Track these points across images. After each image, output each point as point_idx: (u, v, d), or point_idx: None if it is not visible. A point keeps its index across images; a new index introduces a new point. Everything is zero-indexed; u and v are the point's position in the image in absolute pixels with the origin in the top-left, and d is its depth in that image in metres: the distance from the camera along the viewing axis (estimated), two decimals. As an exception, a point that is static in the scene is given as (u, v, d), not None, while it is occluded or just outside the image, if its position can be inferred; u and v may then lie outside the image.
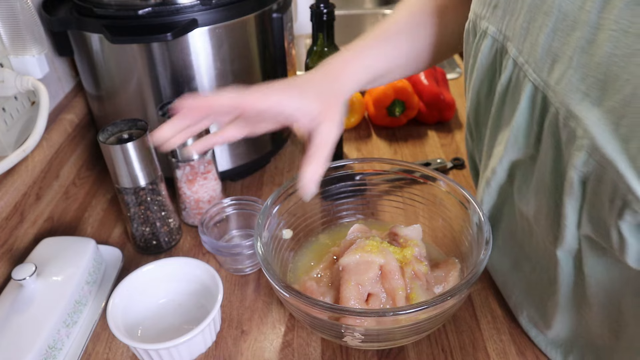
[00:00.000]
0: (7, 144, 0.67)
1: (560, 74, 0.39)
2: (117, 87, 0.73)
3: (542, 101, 0.42)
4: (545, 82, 0.41)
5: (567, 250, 0.44)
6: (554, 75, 0.40)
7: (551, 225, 0.46)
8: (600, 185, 0.37)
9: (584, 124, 0.36)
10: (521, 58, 0.44)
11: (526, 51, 0.44)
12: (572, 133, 0.38)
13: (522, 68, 0.44)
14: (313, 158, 0.51)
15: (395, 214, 0.68)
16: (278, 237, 0.61)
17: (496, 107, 0.50)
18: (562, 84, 0.39)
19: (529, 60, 0.43)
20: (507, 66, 0.47)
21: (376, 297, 0.53)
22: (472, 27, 0.53)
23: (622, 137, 0.34)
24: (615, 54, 0.34)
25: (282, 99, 0.52)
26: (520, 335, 0.58)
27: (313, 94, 0.53)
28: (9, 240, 0.64)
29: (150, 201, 0.67)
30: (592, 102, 0.36)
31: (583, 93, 0.37)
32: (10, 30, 0.64)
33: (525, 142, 0.47)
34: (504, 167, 0.51)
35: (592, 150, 0.36)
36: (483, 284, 0.64)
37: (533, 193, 0.48)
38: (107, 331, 0.60)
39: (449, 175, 0.85)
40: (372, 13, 1.51)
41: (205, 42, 0.69)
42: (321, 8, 0.72)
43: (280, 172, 0.87)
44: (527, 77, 0.44)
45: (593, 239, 0.41)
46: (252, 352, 0.58)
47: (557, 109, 0.40)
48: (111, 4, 0.67)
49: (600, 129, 0.35)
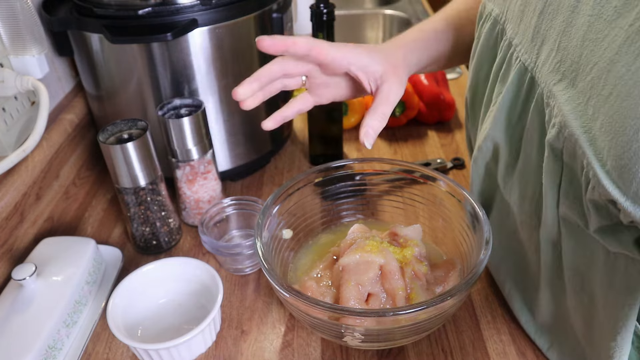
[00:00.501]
0: (7, 144, 0.67)
1: (546, 55, 0.42)
2: (117, 87, 0.73)
3: (529, 82, 0.45)
4: (535, 63, 0.44)
5: (547, 234, 0.46)
6: (542, 57, 0.42)
7: (535, 209, 0.47)
8: (575, 160, 0.38)
9: (559, 102, 0.39)
10: (516, 39, 0.47)
11: (521, 33, 0.46)
12: (551, 112, 0.40)
13: (515, 49, 0.47)
14: (374, 112, 0.54)
15: (395, 214, 0.68)
16: (278, 237, 0.61)
17: (490, 88, 0.53)
18: (546, 64, 0.41)
19: (522, 42, 0.46)
20: (503, 47, 0.50)
21: (376, 297, 0.53)
22: (481, 9, 0.56)
23: (588, 117, 0.35)
24: (588, 38, 0.36)
25: (352, 54, 0.55)
26: (520, 335, 0.58)
27: (379, 56, 0.56)
28: (9, 240, 0.64)
29: (150, 201, 0.67)
30: (568, 84, 0.38)
31: (562, 74, 0.39)
32: (10, 30, 0.64)
33: (508, 121, 0.49)
34: (489, 145, 0.53)
35: (562, 127, 0.38)
36: (483, 284, 0.64)
37: (518, 177, 0.49)
38: (107, 331, 0.60)
39: (449, 175, 0.85)
40: (372, 13, 1.51)
41: (205, 42, 0.69)
42: (321, 8, 0.72)
43: (280, 172, 0.87)
44: (518, 59, 0.46)
45: (569, 220, 0.42)
46: (252, 352, 0.58)
47: (542, 89, 0.42)
48: (111, 4, 0.67)
49: (571, 107, 0.37)
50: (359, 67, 0.54)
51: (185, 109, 0.69)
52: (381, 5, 1.64)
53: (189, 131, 0.66)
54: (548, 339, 0.54)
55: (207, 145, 0.70)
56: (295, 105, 0.58)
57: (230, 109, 0.76)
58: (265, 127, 0.57)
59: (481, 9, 0.56)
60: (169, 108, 0.69)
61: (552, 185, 0.42)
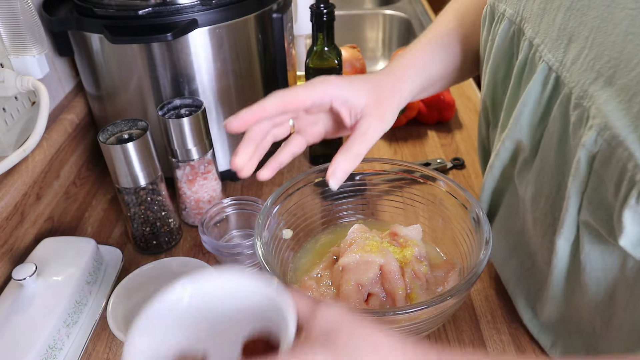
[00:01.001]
0: (8, 144, 0.67)
1: (576, 53, 0.40)
2: (118, 87, 0.73)
3: (554, 82, 0.43)
4: (561, 62, 0.42)
5: (565, 237, 0.45)
6: (570, 55, 0.41)
7: (550, 208, 0.46)
8: (607, 167, 0.37)
9: (597, 102, 0.37)
10: (537, 39, 0.45)
11: (542, 32, 0.45)
12: (584, 113, 0.39)
13: (537, 49, 0.45)
14: (347, 150, 0.49)
15: (395, 214, 0.68)
16: (278, 237, 0.61)
17: (512, 90, 0.51)
18: (577, 63, 0.40)
19: (544, 41, 0.44)
20: (523, 48, 0.48)
21: (376, 297, 0.53)
22: (490, 11, 0.54)
23: (634, 115, 0.34)
24: (631, 32, 0.35)
25: (334, 88, 0.50)
26: (520, 335, 0.58)
27: (364, 88, 0.51)
28: (9, 240, 0.64)
29: (150, 201, 0.67)
30: (605, 81, 0.37)
31: (597, 72, 0.38)
32: (11, 30, 0.64)
33: (530, 123, 0.47)
34: (507, 147, 0.51)
35: (602, 129, 0.36)
36: (483, 284, 0.64)
37: (534, 174, 0.48)
38: (107, 331, 0.60)
39: (449, 175, 0.85)
40: (372, 13, 1.51)
41: (206, 42, 0.69)
42: (321, 8, 0.72)
43: (280, 172, 0.86)
44: (542, 59, 0.44)
45: (592, 225, 0.41)
46: (252, 352, 0.58)
47: (570, 89, 0.40)
48: (111, 4, 0.67)
49: (612, 107, 0.36)
50: (342, 102, 0.50)
51: (185, 109, 0.69)
52: (381, 5, 1.64)
53: (189, 131, 0.66)
54: (551, 336, 0.54)
55: (207, 145, 0.70)
56: (289, 149, 0.54)
57: (230, 109, 0.76)
58: (262, 178, 0.52)
59: (487, 11, 0.55)
60: (169, 108, 0.69)
61: (576, 190, 0.41)
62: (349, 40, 1.37)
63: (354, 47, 1.10)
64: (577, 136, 0.40)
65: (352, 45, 1.10)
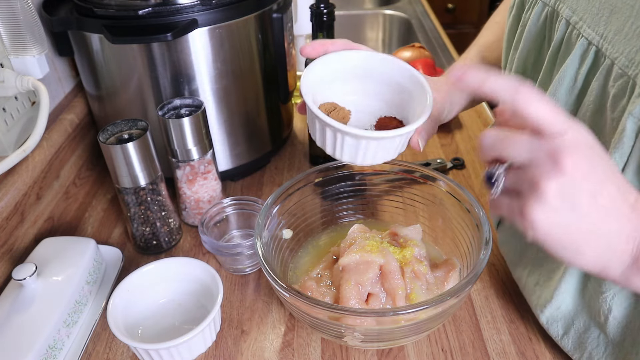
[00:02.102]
0: (8, 144, 0.67)
1: (620, 23, 0.41)
2: (118, 87, 0.73)
3: (593, 56, 0.44)
4: (602, 35, 0.43)
5: None
6: (612, 27, 0.42)
7: None
8: None
9: None
10: (575, 17, 0.46)
11: (581, 9, 0.45)
12: (629, 82, 0.39)
13: (575, 26, 0.46)
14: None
15: (395, 214, 0.68)
16: (278, 237, 0.61)
17: (544, 72, 0.52)
18: (622, 33, 0.41)
19: (583, 17, 0.45)
20: (558, 28, 0.49)
21: (376, 297, 0.53)
22: (520, 1, 0.56)
23: None
24: None
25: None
26: (520, 335, 0.58)
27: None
28: (9, 240, 0.64)
29: (150, 201, 0.67)
30: None
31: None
32: (11, 30, 0.64)
33: (565, 101, 0.48)
34: None
35: None
36: (483, 284, 0.64)
37: None
38: (107, 331, 0.61)
39: (448, 175, 0.85)
40: (372, 13, 1.51)
41: (206, 42, 0.69)
42: (321, 8, 0.72)
43: (280, 172, 0.87)
44: (581, 35, 0.45)
45: None
46: (252, 352, 0.58)
47: (612, 60, 0.41)
48: (111, 4, 0.67)
49: None
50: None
51: (185, 109, 0.69)
52: (381, 5, 1.64)
53: (189, 131, 0.66)
54: (563, 326, 0.53)
55: (207, 145, 0.70)
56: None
57: (230, 109, 0.76)
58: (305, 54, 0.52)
59: (513, 3, 0.56)
60: (169, 108, 0.69)
61: (619, 160, 0.41)
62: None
63: (354, 47, 1.10)
64: (617, 108, 0.41)
65: (352, 45, 1.10)
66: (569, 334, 0.52)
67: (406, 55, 1.06)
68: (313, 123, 0.49)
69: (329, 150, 0.49)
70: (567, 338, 0.53)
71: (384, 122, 0.52)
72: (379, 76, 0.52)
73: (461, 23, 2.48)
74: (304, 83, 0.48)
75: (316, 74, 0.49)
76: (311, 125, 0.50)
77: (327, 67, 0.50)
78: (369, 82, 0.52)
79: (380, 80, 0.52)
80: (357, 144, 0.47)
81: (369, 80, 0.52)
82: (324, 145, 0.49)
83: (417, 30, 1.37)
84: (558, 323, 0.53)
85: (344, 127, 0.45)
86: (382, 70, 0.52)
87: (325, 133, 0.47)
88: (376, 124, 0.52)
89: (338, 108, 0.50)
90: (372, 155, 0.48)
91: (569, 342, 0.52)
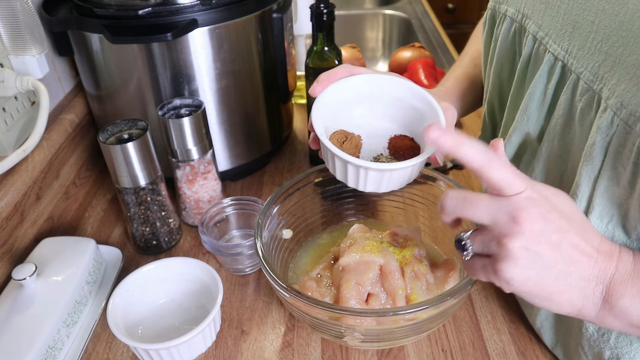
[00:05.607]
0: (8, 144, 0.67)
1: (583, 38, 0.41)
2: (117, 87, 0.73)
3: (560, 71, 0.45)
4: (567, 50, 0.43)
5: None
6: (575, 42, 0.42)
7: None
8: (623, 150, 0.38)
9: (610, 83, 0.38)
10: (541, 32, 0.47)
11: (546, 25, 0.46)
12: (594, 97, 0.40)
13: (542, 42, 0.47)
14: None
15: (395, 214, 0.68)
16: (278, 237, 0.61)
17: (515, 86, 0.53)
18: (585, 48, 0.41)
19: (549, 33, 0.46)
20: (526, 44, 0.50)
21: (376, 297, 0.53)
22: (491, 15, 0.57)
23: None
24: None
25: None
26: (520, 335, 0.58)
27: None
28: (9, 240, 0.64)
29: (150, 201, 0.67)
30: (614, 61, 0.38)
31: (605, 53, 0.39)
32: (11, 30, 0.64)
33: (537, 115, 0.49)
34: (514, 142, 0.53)
35: (618, 108, 0.37)
36: (483, 284, 0.64)
37: (540, 165, 0.49)
38: (107, 331, 0.61)
39: (449, 175, 0.85)
40: (372, 13, 1.51)
41: (206, 42, 0.69)
42: (321, 8, 0.72)
43: (280, 172, 0.87)
44: (547, 50, 0.46)
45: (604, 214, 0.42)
46: (252, 352, 0.58)
47: (578, 75, 0.42)
48: (111, 4, 0.67)
49: (625, 85, 0.37)
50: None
51: (185, 109, 0.69)
52: (381, 5, 1.64)
53: (189, 131, 0.66)
54: (554, 336, 0.54)
55: (207, 145, 0.70)
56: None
57: (230, 108, 0.76)
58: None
59: (488, 15, 0.57)
60: (169, 108, 0.69)
61: (588, 176, 0.42)
62: (349, 40, 1.37)
63: (354, 47, 1.10)
64: (585, 122, 0.42)
65: (352, 45, 1.11)
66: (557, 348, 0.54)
67: (406, 55, 1.06)
68: (332, 161, 0.48)
69: (352, 184, 0.48)
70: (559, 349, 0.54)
71: (396, 143, 0.52)
72: (383, 97, 0.52)
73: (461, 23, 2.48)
74: (315, 119, 0.48)
75: (323, 106, 0.49)
76: (329, 161, 0.49)
77: (332, 97, 0.50)
78: (375, 104, 0.52)
79: (386, 100, 0.52)
80: (381, 176, 0.47)
81: (374, 102, 0.52)
82: (345, 180, 0.49)
83: (417, 30, 1.37)
84: (549, 333, 0.54)
85: (367, 164, 0.45)
86: (385, 91, 0.52)
87: (347, 170, 0.47)
88: (389, 145, 0.52)
89: (349, 136, 0.50)
90: (395, 182, 0.49)
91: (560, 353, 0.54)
